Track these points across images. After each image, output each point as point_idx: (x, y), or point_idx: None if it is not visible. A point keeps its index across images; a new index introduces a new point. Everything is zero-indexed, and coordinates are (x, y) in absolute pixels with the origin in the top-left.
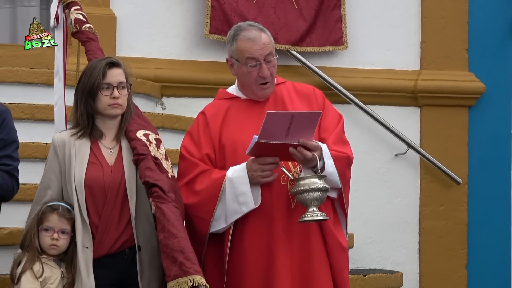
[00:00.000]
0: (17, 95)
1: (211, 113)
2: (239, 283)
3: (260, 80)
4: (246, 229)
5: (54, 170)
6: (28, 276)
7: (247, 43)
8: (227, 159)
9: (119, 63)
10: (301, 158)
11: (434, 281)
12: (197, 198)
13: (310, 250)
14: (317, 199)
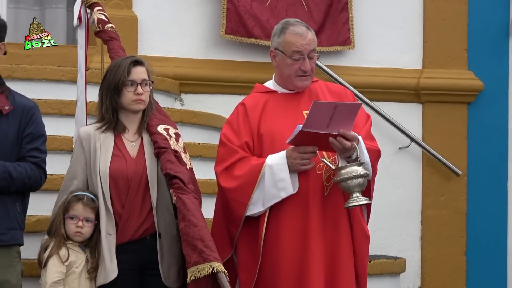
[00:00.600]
0: (45, 92)
1: (250, 105)
2: (273, 264)
3: (301, 72)
4: (282, 214)
5: (80, 161)
6: (54, 260)
7: (295, 37)
8: (264, 148)
9: (142, 62)
10: (340, 148)
11: (435, 267)
12: (236, 182)
13: (338, 236)
14: (359, 185)
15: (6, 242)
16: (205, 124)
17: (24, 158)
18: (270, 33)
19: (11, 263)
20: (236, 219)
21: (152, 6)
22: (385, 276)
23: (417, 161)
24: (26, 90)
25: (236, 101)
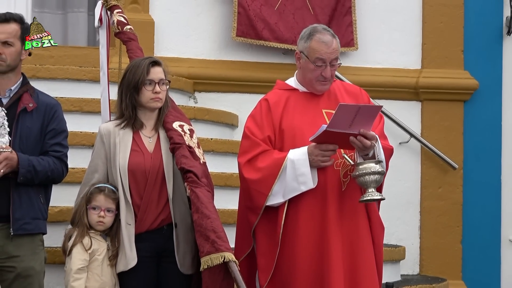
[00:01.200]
0: (67, 90)
1: (273, 101)
2: (292, 252)
3: (321, 78)
4: (301, 206)
5: (100, 156)
6: (78, 249)
7: (320, 44)
8: (285, 142)
9: (160, 62)
10: (360, 146)
11: (432, 255)
12: (258, 174)
13: (357, 227)
14: (376, 181)
15: (30, 231)
16: (217, 121)
17: (47, 152)
18: (278, 35)
19: (35, 251)
20: (256, 208)
21: (168, 10)
22: (386, 263)
23: (416, 155)
24: (49, 89)
25: (246, 99)
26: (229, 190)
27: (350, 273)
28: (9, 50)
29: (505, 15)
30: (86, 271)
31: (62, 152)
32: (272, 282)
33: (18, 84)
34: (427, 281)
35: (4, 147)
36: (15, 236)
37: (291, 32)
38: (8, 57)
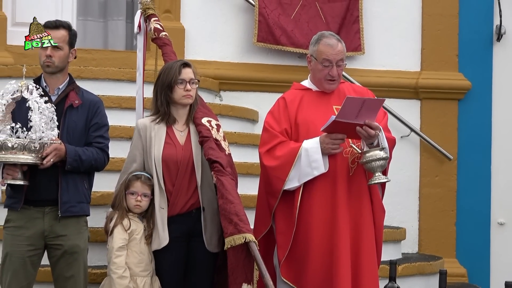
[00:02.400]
0: (107, 89)
1: (289, 99)
2: (306, 230)
3: (329, 77)
4: (314, 189)
5: (138, 148)
6: (119, 229)
7: (326, 47)
8: (300, 134)
9: (190, 64)
10: (366, 135)
11: (430, 235)
12: (276, 162)
13: (361, 209)
14: (381, 166)
15: (76, 213)
16: (240, 116)
17: (91, 144)
18: (294, 41)
19: (80, 231)
20: (275, 192)
21: (197, 18)
22: (389, 243)
23: (415, 147)
24: (92, 88)
25: (265, 97)
26: (250, 177)
27: (354, 248)
28: (58, 53)
29: (495, 24)
30: (126, 248)
31: (104, 143)
32: (289, 256)
33: (65, 83)
34: (425, 259)
35: (53, 139)
36: (62, 217)
37: (306, 38)
38: (57, 60)
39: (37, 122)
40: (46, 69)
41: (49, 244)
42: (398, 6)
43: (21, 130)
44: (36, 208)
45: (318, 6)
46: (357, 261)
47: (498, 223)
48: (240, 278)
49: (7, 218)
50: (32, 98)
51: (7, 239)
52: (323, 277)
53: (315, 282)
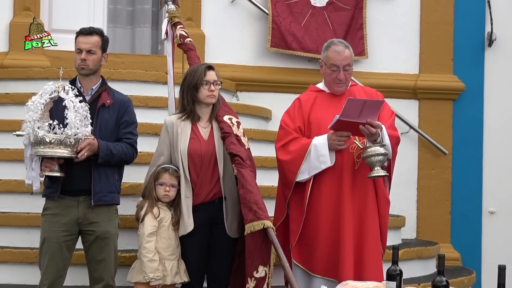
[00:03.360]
0: (135, 90)
1: (304, 99)
2: (315, 218)
3: (337, 80)
4: (323, 181)
5: (165, 142)
6: (149, 217)
7: (334, 54)
8: (312, 132)
9: (214, 67)
10: (367, 133)
11: (427, 223)
12: (289, 156)
13: (366, 200)
14: (380, 161)
15: (107, 202)
16: (255, 115)
17: (121, 139)
18: (304, 46)
19: (111, 218)
20: (289, 183)
21: (216, 26)
22: (390, 230)
23: (414, 143)
24: (121, 89)
25: (278, 97)
26: (264, 170)
27: (358, 235)
28: (92, 57)
29: (486, 31)
30: (156, 234)
31: (132, 139)
32: (299, 241)
33: (98, 85)
34: (423, 244)
35: (87, 135)
36: (95, 206)
37: (315, 43)
38: (91, 63)
39: (73, 119)
40: (80, 71)
41: (82, 230)
42: (398, 15)
43: (58, 126)
44: (71, 197)
45: (326, 14)
46: (361, 246)
47: (489, 212)
48: (257, 261)
49: (45, 206)
50: (68, 98)
51: (45, 225)
52: (329, 261)
53: (322, 265)
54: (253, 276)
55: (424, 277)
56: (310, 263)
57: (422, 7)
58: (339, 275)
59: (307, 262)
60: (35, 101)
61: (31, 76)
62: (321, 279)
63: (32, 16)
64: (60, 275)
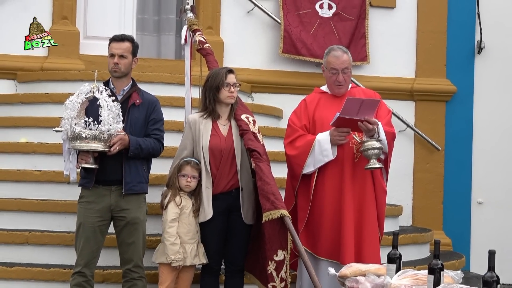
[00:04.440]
0: (161, 91)
1: (309, 100)
2: (319, 206)
3: (337, 82)
4: (326, 173)
5: (188, 138)
6: (172, 205)
7: (333, 58)
8: (316, 129)
9: (234, 71)
10: (365, 129)
11: (421, 212)
12: (296, 151)
13: (364, 189)
14: (376, 154)
15: (137, 191)
16: (268, 114)
17: (149, 135)
18: (313, 52)
19: (140, 205)
20: (296, 176)
21: (233, 33)
22: (389, 218)
23: (410, 140)
24: (149, 89)
25: (288, 98)
26: (276, 163)
27: (357, 221)
28: (124, 61)
29: (476, 39)
30: (178, 220)
31: (159, 135)
32: (306, 227)
33: (129, 86)
34: (418, 231)
35: (119, 131)
36: (125, 195)
37: (322, 50)
38: (123, 66)
39: (106, 117)
40: (113, 74)
41: (114, 216)
42: (397, 25)
43: (93, 123)
44: (104, 187)
45: (332, 24)
46: (360, 232)
47: (478, 202)
48: (276, 246)
49: (81, 195)
50: (102, 98)
51: (80, 211)
52: (332, 244)
53: (326, 249)
54: (273, 259)
55: (419, 260)
56: (316, 247)
57: (418, 18)
58: (341, 257)
59: (313, 246)
60: (72, 100)
61: (68, 78)
62: (325, 261)
63: (69, 24)
64: (94, 256)
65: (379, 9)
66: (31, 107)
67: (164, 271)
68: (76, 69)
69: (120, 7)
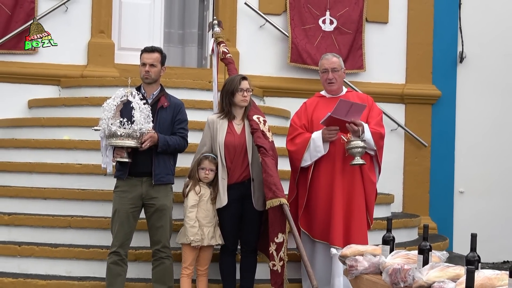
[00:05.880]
0: (185, 95)
1: (309, 103)
2: (315, 194)
3: (328, 80)
4: (321, 166)
5: (207, 136)
6: (192, 193)
7: (324, 61)
8: (314, 128)
9: (247, 78)
10: (351, 130)
11: (410, 200)
12: (295, 147)
13: (353, 180)
14: (360, 152)
15: (164, 182)
16: (278, 115)
17: (175, 133)
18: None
19: (167, 194)
20: (296, 168)
21: (247, 45)
22: (382, 205)
23: (401, 137)
24: (174, 94)
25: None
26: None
27: (346, 208)
28: (154, 69)
29: (458, 50)
30: (197, 207)
31: (184, 133)
32: (304, 212)
33: (158, 91)
34: (407, 216)
35: (149, 129)
36: (155, 185)
37: None
38: (153, 74)
39: (138, 117)
40: (145, 80)
41: (145, 203)
42: (389, 38)
43: (126, 123)
44: (136, 178)
45: (333, 37)
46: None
47: (459, 191)
48: (277, 229)
49: (116, 185)
50: (135, 101)
51: (116, 199)
52: (325, 227)
53: (319, 230)
54: (274, 241)
55: (409, 242)
56: (311, 230)
57: (408, 32)
58: (330, 239)
59: (310, 229)
60: (109, 103)
61: (105, 84)
62: (320, 243)
63: (105, 38)
64: (127, 238)
65: (374, 24)
66: (73, 109)
67: (186, 251)
68: (112, 76)
69: (149, 23)
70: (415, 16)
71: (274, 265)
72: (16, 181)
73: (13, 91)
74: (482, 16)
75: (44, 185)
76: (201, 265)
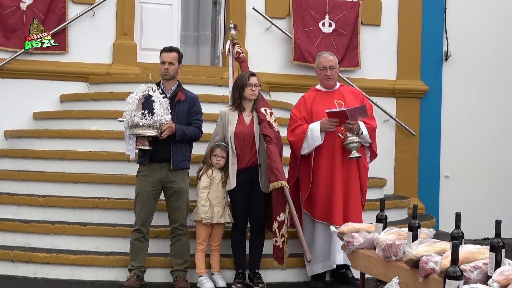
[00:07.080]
0: (200, 90)
1: (307, 97)
2: (317, 180)
3: (326, 77)
4: (321, 155)
5: (220, 126)
6: (204, 176)
7: (321, 59)
8: (313, 119)
9: (255, 74)
10: (347, 128)
11: (401, 184)
12: (295, 137)
13: (350, 167)
14: (356, 146)
15: (182, 167)
16: (282, 107)
17: (191, 124)
18: None
19: (184, 178)
20: (296, 156)
21: (255, 45)
22: (375, 188)
23: (392, 128)
24: (190, 89)
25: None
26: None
27: (345, 192)
28: (172, 67)
29: (444, 50)
30: (208, 188)
31: (199, 124)
32: (308, 196)
33: (175, 86)
34: (398, 198)
35: (168, 120)
36: (173, 170)
37: None
38: (171, 71)
39: (158, 110)
40: (164, 76)
41: (164, 186)
42: (382, 38)
43: (148, 115)
44: (157, 163)
45: (332, 38)
46: (347, 199)
47: (445, 176)
48: (279, 209)
49: (138, 170)
50: (155, 95)
51: (138, 183)
52: (325, 209)
53: (321, 212)
54: (276, 220)
55: (399, 221)
56: (313, 211)
57: (398, 33)
58: (331, 219)
59: (312, 211)
60: (132, 97)
61: (128, 80)
62: (320, 223)
63: (128, 39)
64: (149, 217)
65: (368, 26)
66: (100, 103)
67: (200, 228)
68: (134, 74)
69: (168, 26)
70: (405, 20)
71: (276, 241)
72: (50, 167)
73: (46, 87)
74: (465, 19)
75: (74, 170)
76: (213, 241)
